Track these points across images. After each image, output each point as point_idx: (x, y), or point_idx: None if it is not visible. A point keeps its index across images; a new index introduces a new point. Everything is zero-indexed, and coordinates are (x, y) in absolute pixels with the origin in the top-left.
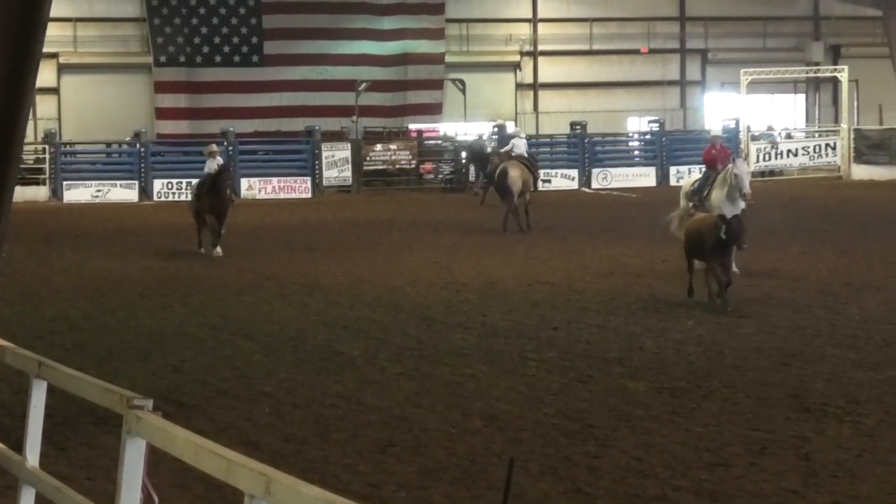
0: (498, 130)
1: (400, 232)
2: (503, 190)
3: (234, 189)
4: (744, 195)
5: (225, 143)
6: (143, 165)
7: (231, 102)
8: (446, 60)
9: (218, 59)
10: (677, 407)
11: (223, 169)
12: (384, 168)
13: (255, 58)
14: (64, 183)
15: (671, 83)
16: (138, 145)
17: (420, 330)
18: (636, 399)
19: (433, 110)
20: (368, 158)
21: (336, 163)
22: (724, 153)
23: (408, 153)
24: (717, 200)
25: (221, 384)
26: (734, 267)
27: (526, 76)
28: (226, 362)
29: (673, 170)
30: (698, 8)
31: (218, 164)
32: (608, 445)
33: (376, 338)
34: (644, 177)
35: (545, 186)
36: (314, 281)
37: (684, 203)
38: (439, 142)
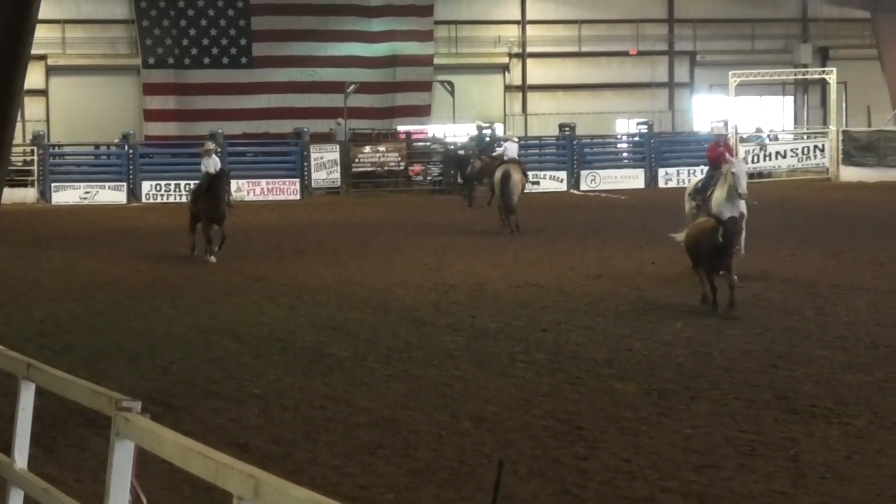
0: (478, 132)
1: (389, 234)
2: (506, 192)
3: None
4: (740, 195)
5: (214, 145)
6: (132, 167)
7: (220, 104)
8: (435, 62)
9: (206, 61)
10: (666, 408)
11: (221, 173)
12: (373, 170)
13: (244, 59)
14: (52, 185)
15: (660, 85)
16: (127, 147)
17: (409, 331)
18: (625, 401)
19: (422, 112)
20: (357, 160)
21: (325, 164)
22: (730, 151)
23: (396, 155)
24: (718, 200)
25: (210, 386)
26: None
27: (515, 78)
28: (215, 364)
29: (661, 172)
30: (687, 10)
31: (215, 164)
32: (597, 447)
33: (365, 339)
34: (633, 179)
35: (534, 188)
36: (303, 283)
37: (689, 203)
38: (428, 144)
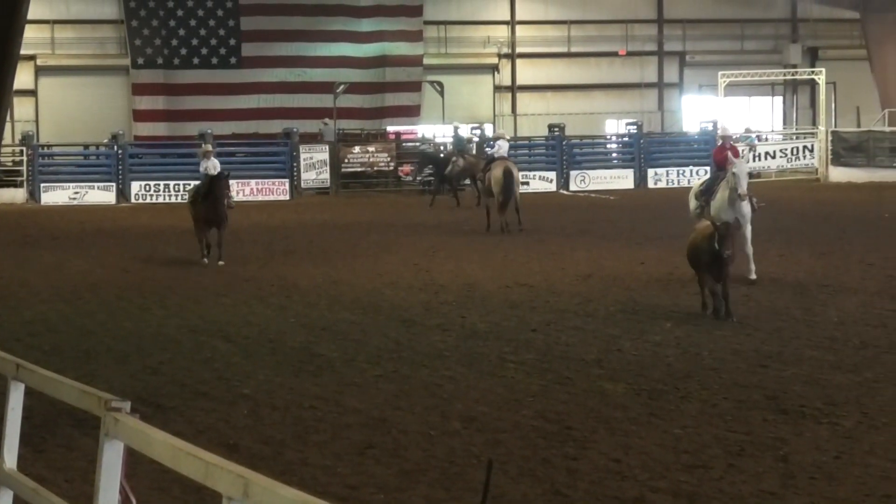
0: (454, 132)
1: (378, 234)
2: (509, 190)
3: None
4: (739, 196)
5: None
6: (121, 167)
7: (209, 104)
8: (424, 62)
9: (196, 61)
10: (655, 409)
11: (220, 175)
12: (362, 170)
13: (233, 60)
14: (41, 185)
15: (649, 85)
16: (116, 147)
17: (399, 332)
18: (614, 401)
19: (411, 112)
20: (346, 160)
21: (314, 165)
22: (736, 153)
23: (386, 155)
24: (718, 204)
25: (200, 386)
26: (752, 274)
27: (504, 78)
28: (204, 364)
29: (651, 172)
30: (676, 10)
31: (214, 165)
32: (587, 447)
33: (355, 340)
34: (622, 179)
35: (523, 189)
36: (293, 283)
37: (693, 203)
38: (417, 144)
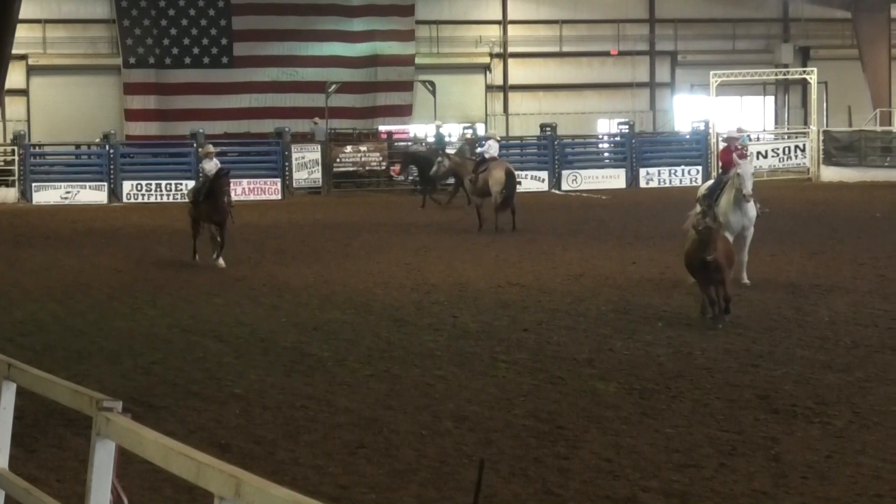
0: (436, 132)
1: (370, 233)
2: (511, 190)
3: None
4: (744, 196)
5: (195, 145)
6: (113, 167)
7: (200, 104)
8: (416, 62)
9: (187, 61)
10: (647, 408)
11: (221, 173)
12: (354, 170)
13: (225, 59)
14: (33, 184)
15: (641, 85)
16: (107, 147)
17: (390, 331)
18: (606, 400)
19: (403, 112)
20: (338, 160)
21: (306, 164)
22: (743, 156)
23: (378, 155)
24: (724, 207)
25: (191, 386)
26: (744, 278)
27: (496, 78)
28: (196, 364)
29: (643, 171)
30: (668, 10)
31: (216, 167)
32: (578, 447)
33: (346, 339)
34: (614, 178)
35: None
36: (284, 283)
37: (698, 208)
38: (409, 143)
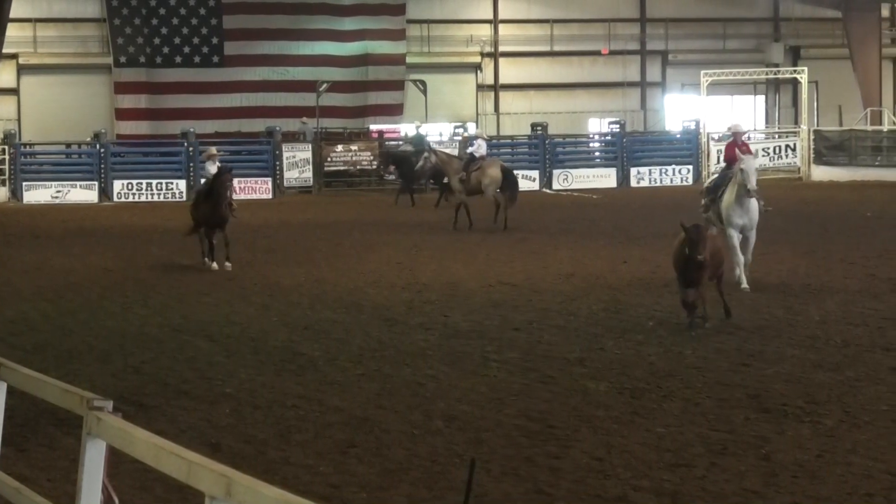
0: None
1: (361, 232)
2: (514, 188)
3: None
4: (748, 191)
5: (185, 144)
6: (103, 166)
7: (191, 103)
8: (407, 61)
9: (178, 60)
10: (638, 407)
11: (222, 171)
12: (345, 169)
13: (216, 58)
14: (23, 184)
15: (631, 84)
16: (98, 146)
17: (381, 331)
18: (597, 400)
19: (394, 111)
20: (329, 159)
21: (297, 164)
22: (747, 150)
23: (369, 154)
24: (727, 203)
25: (182, 385)
26: (744, 283)
27: (487, 77)
28: (186, 363)
29: (633, 171)
30: (658, 9)
31: (218, 167)
32: (569, 446)
33: (337, 339)
34: (605, 178)
35: None
36: (275, 282)
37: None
38: (400, 143)
